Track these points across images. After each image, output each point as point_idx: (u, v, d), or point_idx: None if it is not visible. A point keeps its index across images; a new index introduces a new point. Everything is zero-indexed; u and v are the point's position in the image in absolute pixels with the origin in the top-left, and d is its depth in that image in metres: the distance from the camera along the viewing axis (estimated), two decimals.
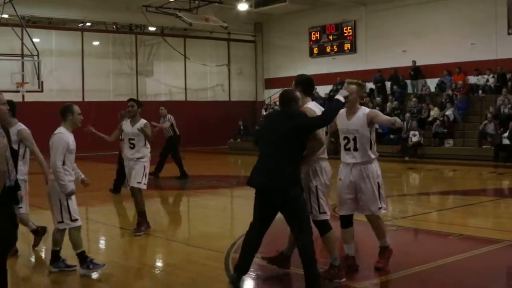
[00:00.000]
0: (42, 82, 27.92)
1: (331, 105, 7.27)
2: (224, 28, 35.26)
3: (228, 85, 38.90)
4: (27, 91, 27.99)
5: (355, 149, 7.63)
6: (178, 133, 19.38)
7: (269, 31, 39.20)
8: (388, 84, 32.06)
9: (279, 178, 6.82)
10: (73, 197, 7.85)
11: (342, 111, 7.58)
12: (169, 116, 19.29)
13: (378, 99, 31.06)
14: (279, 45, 38.41)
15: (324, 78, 32.88)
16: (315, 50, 36.27)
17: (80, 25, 34.83)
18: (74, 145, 7.90)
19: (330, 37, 35.49)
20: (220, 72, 38.69)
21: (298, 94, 7.20)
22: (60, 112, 7.98)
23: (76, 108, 8.02)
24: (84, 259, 7.86)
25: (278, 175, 6.82)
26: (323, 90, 33.58)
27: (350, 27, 34.46)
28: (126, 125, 10.85)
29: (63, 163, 7.69)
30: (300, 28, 36.51)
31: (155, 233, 10.72)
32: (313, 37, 36.35)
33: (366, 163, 7.65)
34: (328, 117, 7.07)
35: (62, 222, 7.81)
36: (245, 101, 39.19)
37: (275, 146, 6.90)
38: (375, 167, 7.72)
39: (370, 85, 32.55)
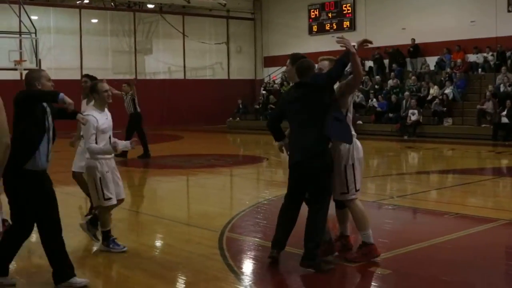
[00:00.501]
0: (40, 60, 27.85)
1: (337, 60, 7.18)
2: (222, 5, 35.19)
3: (227, 63, 38.81)
4: (25, 69, 27.85)
5: None
6: (139, 111, 18.96)
7: (268, 9, 39.05)
8: (386, 62, 32.03)
9: (309, 150, 6.89)
10: (109, 175, 7.80)
11: None
12: (131, 92, 18.85)
13: (377, 77, 30.98)
14: (278, 23, 38.25)
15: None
16: (314, 28, 36.17)
17: (78, 2, 34.73)
18: (106, 123, 7.78)
19: (329, 15, 35.39)
20: (219, 50, 38.59)
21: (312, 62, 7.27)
22: (89, 91, 7.97)
23: (101, 86, 7.90)
24: (106, 238, 7.92)
25: (308, 148, 6.89)
26: None
27: (349, 5, 34.35)
28: (83, 103, 10.15)
29: (96, 143, 7.64)
30: (299, 6, 36.40)
31: (153, 212, 10.72)
32: (312, 15, 36.24)
33: (336, 143, 7.19)
34: (335, 70, 7.07)
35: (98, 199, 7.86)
36: (244, 80, 39.12)
37: (303, 118, 6.96)
38: (346, 148, 7.14)
39: (369, 63, 32.53)
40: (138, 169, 16.25)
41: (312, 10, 36.23)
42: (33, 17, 29.26)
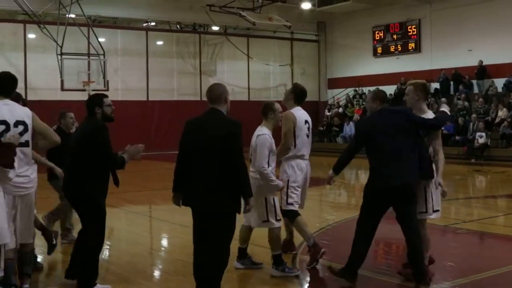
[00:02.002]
0: (107, 81, 28.31)
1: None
2: (287, 27, 35.20)
3: (291, 85, 38.64)
4: (93, 90, 28.40)
5: None
6: None
7: (332, 30, 38.99)
8: (452, 83, 31.64)
9: (410, 172, 7.10)
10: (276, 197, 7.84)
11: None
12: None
13: (443, 99, 30.55)
14: (342, 45, 38.15)
15: (388, 78, 32.59)
16: (379, 50, 35.92)
17: (144, 24, 35.28)
18: (274, 144, 7.86)
19: (394, 36, 35.10)
20: (283, 72, 38.63)
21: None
22: (262, 111, 8.09)
23: (278, 106, 8.04)
24: (280, 262, 7.80)
25: (409, 170, 7.09)
26: (387, 90, 33.17)
27: (414, 26, 34.02)
28: None
29: (268, 165, 7.64)
30: (364, 27, 36.20)
31: None
32: (377, 36, 36.02)
33: None
34: (439, 121, 7.61)
35: (268, 221, 7.69)
36: (308, 101, 38.51)
37: (399, 140, 7.10)
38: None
39: (435, 85, 32.14)
40: None
41: (376, 32, 36.02)
42: (101, 39, 29.83)
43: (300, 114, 8.39)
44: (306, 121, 8.46)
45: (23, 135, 6.29)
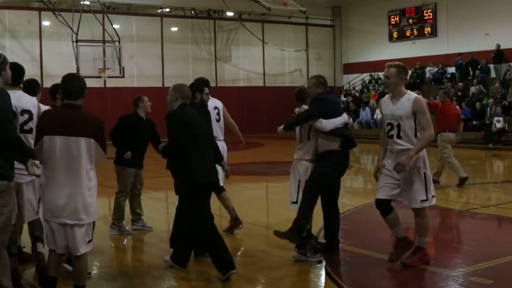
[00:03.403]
0: (123, 67, 28.30)
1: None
2: (302, 12, 35.10)
3: (306, 70, 38.66)
4: (108, 77, 28.49)
5: (398, 137, 7.17)
6: None
7: (347, 15, 38.80)
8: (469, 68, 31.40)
9: None
10: None
11: (386, 96, 7.54)
12: None
13: (460, 84, 30.35)
14: (358, 29, 37.97)
15: (404, 63, 32.17)
16: (395, 34, 35.74)
17: (159, 11, 35.22)
18: None
19: (410, 21, 34.91)
20: (298, 57, 38.54)
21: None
22: (297, 97, 8.68)
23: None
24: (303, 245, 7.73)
25: None
26: None
27: (430, 10, 33.80)
28: None
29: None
30: (379, 12, 36.03)
31: (248, 220, 10.58)
32: (393, 21, 35.83)
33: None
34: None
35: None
36: None
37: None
38: (421, 156, 7.11)
39: (451, 70, 31.96)
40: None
41: (392, 16, 35.82)
42: (116, 26, 29.79)
43: (208, 102, 9.00)
44: (215, 107, 9.35)
45: (28, 123, 6.48)
